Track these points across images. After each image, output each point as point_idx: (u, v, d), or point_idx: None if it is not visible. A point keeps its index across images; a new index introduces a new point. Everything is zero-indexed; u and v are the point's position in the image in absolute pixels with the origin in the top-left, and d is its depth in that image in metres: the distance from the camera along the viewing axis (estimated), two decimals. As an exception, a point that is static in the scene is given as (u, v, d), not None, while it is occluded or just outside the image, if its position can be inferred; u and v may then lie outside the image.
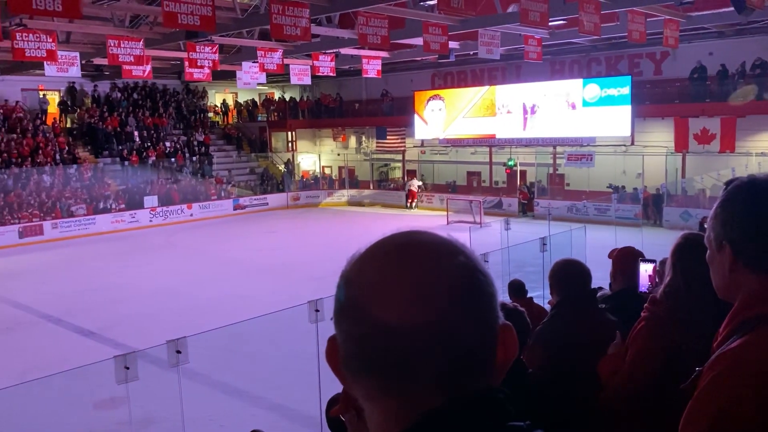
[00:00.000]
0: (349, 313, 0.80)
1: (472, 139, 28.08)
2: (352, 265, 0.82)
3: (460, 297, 0.77)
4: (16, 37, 14.94)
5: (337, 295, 0.82)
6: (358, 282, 0.80)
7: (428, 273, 0.77)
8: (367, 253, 0.82)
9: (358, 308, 0.78)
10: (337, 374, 0.83)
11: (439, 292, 0.77)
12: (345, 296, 0.81)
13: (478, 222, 22.32)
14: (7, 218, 22.93)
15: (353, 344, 0.79)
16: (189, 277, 16.67)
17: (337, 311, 0.82)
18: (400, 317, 0.75)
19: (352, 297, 0.79)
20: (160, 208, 26.45)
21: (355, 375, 0.80)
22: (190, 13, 12.75)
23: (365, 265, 0.81)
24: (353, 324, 0.79)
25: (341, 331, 0.81)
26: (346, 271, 0.83)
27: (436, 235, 0.83)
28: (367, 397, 0.80)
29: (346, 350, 0.80)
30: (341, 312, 0.81)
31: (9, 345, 11.80)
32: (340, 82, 31.53)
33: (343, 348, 0.81)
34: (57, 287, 16.17)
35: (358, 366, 0.79)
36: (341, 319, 0.81)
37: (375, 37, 16.11)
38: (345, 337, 0.80)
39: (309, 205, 30.80)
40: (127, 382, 4.66)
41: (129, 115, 30.04)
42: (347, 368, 0.81)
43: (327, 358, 0.83)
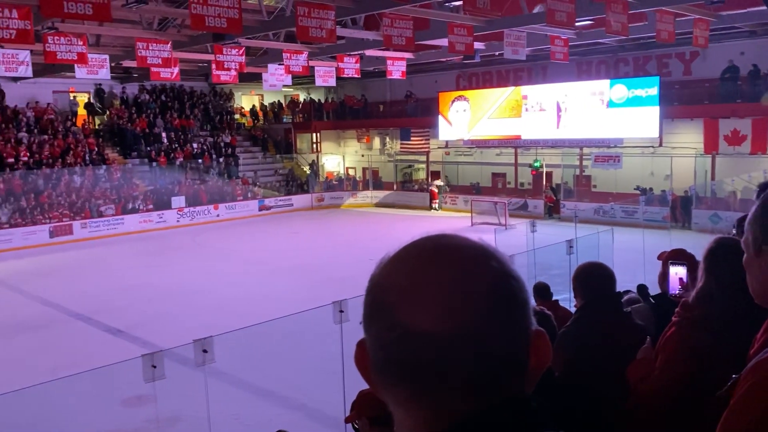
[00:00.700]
0: (378, 318, 0.78)
1: (497, 140, 27.94)
2: (382, 269, 0.81)
3: (493, 303, 0.76)
4: (48, 41, 15.25)
5: (367, 299, 0.81)
6: (388, 287, 0.78)
7: (460, 279, 0.76)
8: (397, 257, 0.81)
9: (388, 313, 0.77)
10: (366, 379, 0.82)
11: (472, 298, 0.75)
12: (375, 301, 0.79)
13: (503, 224, 22.18)
14: (38, 218, 23.38)
15: (383, 350, 0.77)
16: (215, 276, 16.83)
17: (367, 316, 0.80)
18: (432, 324, 0.74)
19: (381, 302, 0.78)
20: (187, 208, 26.77)
21: (384, 381, 0.78)
22: (217, 16, 12.89)
23: (396, 270, 0.79)
24: (383, 329, 0.77)
25: (370, 336, 0.80)
26: (376, 275, 0.81)
27: (468, 239, 0.82)
28: (398, 404, 0.78)
29: (376, 356, 0.79)
30: (371, 317, 0.80)
31: (40, 342, 12.03)
32: (364, 83, 31.59)
33: (372, 353, 0.79)
34: (86, 286, 16.44)
35: (388, 372, 0.77)
36: (371, 324, 0.80)
37: (400, 38, 16.12)
38: (374, 342, 0.79)
39: (333, 206, 30.92)
40: (154, 380, 4.71)
41: (157, 116, 30.47)
42: (377, 374, 0.79)
43: (356, 363, 0.82)
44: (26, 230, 22.66)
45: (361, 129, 33.49)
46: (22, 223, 22.92)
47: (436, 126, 29.29)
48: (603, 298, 3.31)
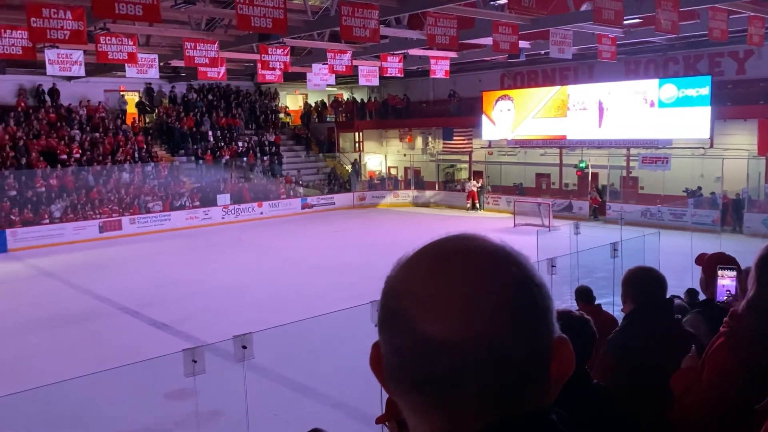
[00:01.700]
0: (392, 323, 0.76)
1: (541, 140, 27.57)
2: (397, 271, 0.78)
3: (512, 311, 0.73)
4: (100, 41, 15.68)
5: (381, 302, 0.78)
6: (402, 291, 0.76)
7: (478, 285, 0.73)
8: (413, 260, 0.78)
9: (402, 319, 0.74)
10: (381, 383, 0.80)
11: (489, 306, 0.72)
12: (388, 306, 0.77)
13: (547, 225, 21.87)
14: (88, 213, 24.09)
15: (396, 356, 0.75)
16: (257, 273, 17.06)
17: (381, 320, 0.78)
18: (447, 331, 0.71)
19: (395, 307, 0.75)
20: (232, 205, 27.21)
21: (398, 386, 0.76)
22: (263, 16, 13.04)
23: (411, 273, 0.76)
24: (397, 335, 0.75)
25: (384, 341, 0.77)
26: (391, 277, 0.79)
27: (488, 242, 0.78)
28: (412, 410, 0.76)
29: (390, 361, 0.76)
30: (384, 321, 0.77)
31: (88, 334, 12.39)
32: (407, 82, 31.57)
33: (386, 357, 0.77)
34: (134, 280, 16.86)
35: (402, 378, 0.75)
36: (385, 328, 0.77)
37: (444, 37, 16.04)
38: (388, 347, 0.76)
39: (374, 205, 31.01)
40: (194, 375, 4.79)
41: (204, 115, 31.05)
42: (391, 378, 0.77)
43: (371, 366, 0.80)
44: (77, 225, 23.38)
45: (404, 128, 33.48)
46: (73, 218, 23.66)
47: (480, 125, 29.07)
48: (654, 305, 3.21)
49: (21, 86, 26.99)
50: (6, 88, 26.26)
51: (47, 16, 12.51)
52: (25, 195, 23.54)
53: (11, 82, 26.16)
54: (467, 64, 26.72)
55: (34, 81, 26.86)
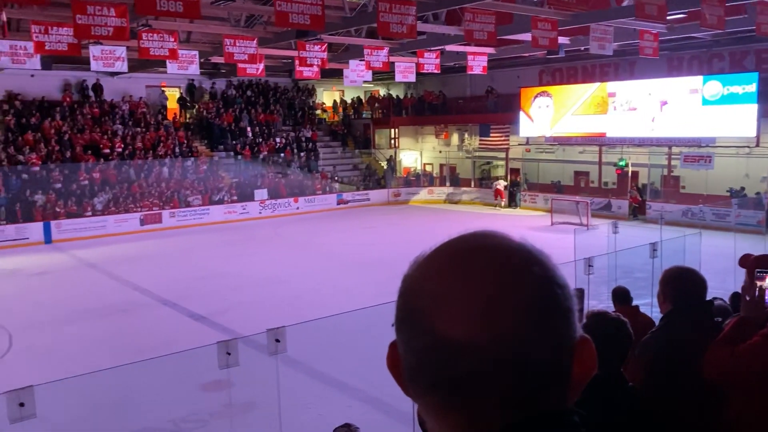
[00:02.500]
0: (409, 323, 0.74)
1: (580, 138, 27.16)
2: (415, 270, 0.76)
3: (533, 313, 0.71)
4: (142, 37, 15.99)
5: (398, 301, 0.76)
6: (420, 291, 0.74)
7: (498, 285, 0.71)
8: (431, 258, 0.76)
9: (419, 320, 0.72)
10: (399, 383, 0.78)
11: (510, 307, 0.70)
12: (406, 305, 0.75)
13: (585, 224, 21.56)
14: (130, 206, 24.63)
15: (414, 356, 0.73)
16: (293, 268, 17.22)
17: (398, 319, 0.76)
18: (465, 333, 0.69)
19: (413, 307, 0.73)
20: (269, 201, 27.53)
21: (417, 387, 0.74)
22: (301, 13, 13.14)
23: (428, 272, 0.74)
24: (414, 336, 0.73)
25: (401, 341, 0.75)
26: (409, 276, 0.77)
27: (509, 240, 0.76)
28: (430, 412, 0.74)
29: (407, 361, 0.75)
30: (402, 321, 0.75)
31: (128, 325, 12.68)
32: (444, 78, 31.41)
33: (403, 357, 0.75)
34: (173, 273, 17.19)
35: (419, 379, 0.73)
36: (402, 328, 0.75)
37: (481, 33, 15.92)
38: (406, 348, 0.74)
39: (409, 201, 31.00)
40: (228, 367, 4.86)
41: (243, 111, 31.44)
42: (409, 379, 0.75)
43: (388, 365, 0.79)
44: (119, 218, 23.93)
45: (440, 125, 33.35)
46: (115, 211, 24.22)
47: (517, 122, 28.78)
48: (693, 306, 3.14)
49: (66, 81, 27.73)
50: (52, 83, 27.00)
51: (92, 13, 12.81)
52: (69, 188, 24.18)
53: (57, 77, 26.88)
54: (505, 60, 26.47)
55: (78, 77, 27.55)
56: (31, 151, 24.48)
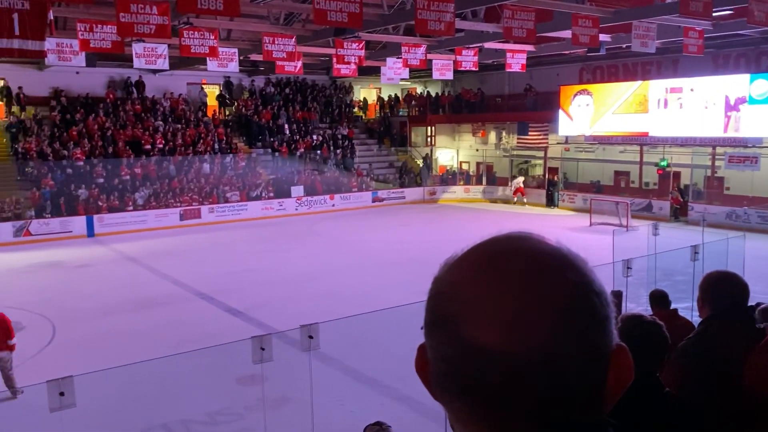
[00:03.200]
0: (439, 329, 0.72)
1: (621, 137, 26.66)
2: (445, 273, 0.74)
3: (568, 321, 0.68)
4: (183, 35, 16.25)
5: (428, 305, 0.74)
6: (450, 295, 0.72)
7: (532, 291, 0.68)
8: (462, 261, 0.74)
9: (450, 325, 0.70)
10: (427, 387, 0.76)
11: (544, 314, 0.68)
12: (436, 309, 0.73)
13: (624, 225, 21.18)
14: (170, 201, 25.10)
15: (444, 362, 0.71)
16: (328, 265, 17.32)
17: (428, 323, 0.74)
18: (497, 341, 0.67)
19: (443, 311, 0.72)
20: (305, 197, 27.75)
21: (445, 393, 0.72)
22: (339, 10, 13.18)
23: (460, 276, 0.72)
24: (444, 341, 0.71)
25: (431, 345, 0.73)
26: (439, 279, 0.75)
27: (543, 243, 0.73)
28: (458, 419, 0.72)
29: (437, 366, 0.73)
30: (432, 326, 0.73)
31: (167, 318, 12.93)
32: (482, 76, 31.19)
33: (432, 362, 0.73)
34: (211, 267, 17.46)
35: (449, 386, 0.71)
36: (431, 333, 0.73)
37: (520, 30, 15.76)
38: (435, 353, 0.73)
39: (445, 200, 30.88)
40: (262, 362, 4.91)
41: (281, 108, 31.74)
42: (438, 385, 0.73)
43: (417, 370, 0.77)
44: (159, 212, 24.40)
45: (477, 123, 33.12)
46: (155, 205, 24.70)
47: (556, 121, 28.40)
48: (733, 312, 3.05)
49: (110, 78, 28.39)
50: (97, 80, 27.67)
51: (135, 11, 13.07)
52: (111, 182, 24.75)
53: (102, 74, 27.54)
54: (545, 57, 26.13)
55: (122, 74, 28.19)
56: (75, 147, 25.13)
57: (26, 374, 9.03)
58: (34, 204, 22.66)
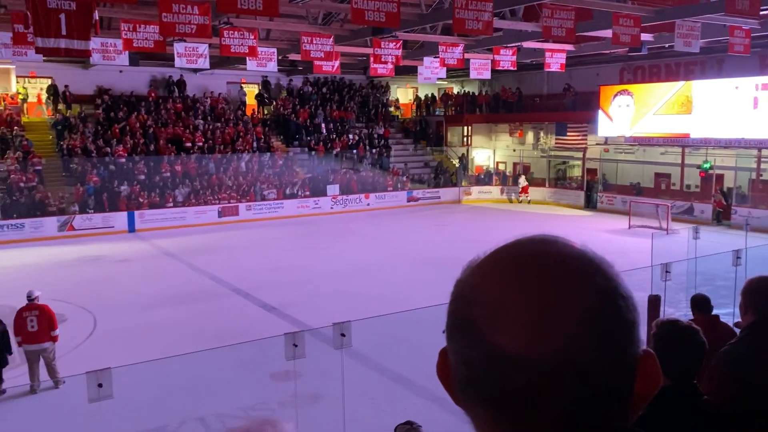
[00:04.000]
0: (462, 333, 0.70)
1: (662, 138, 26.12)
2: (469, 276, 0.73)
3: (594, 326, 0.67)
4: (223, 35, 16.49)
5: (450, 308, 0.73)
6: (473, 298, 0.70)
7: (556, 295, 0.67)
8: (485, 264, 0.72)
9: (473, 330, 0.69)
10: (449, 392, 0.75)
11: (570, 319, 0.66)
12: (458, 313, 0.72)
13: (664, 228, 20.76)
14: (209, 199, 25.50)
15: (466, 367, 0.70)
16: (363, 263, 17.38)
17: (450, 327, 0.73)
18: (521, 345, 0.66)
19: (466, 315, 0.70)
20: (340, 196, 27.89)
21: (468, 398, 0.71)
22: (377, 10, 13.22)
23: (483, 279, 0.71)
24: (466, 346, 0.69)
25: (453, 350, 0.72)
26: (462, 282, 0.73)
27: (569, 246, 0.72)
28: (480, 424, 0.71)
29: (459, 371, 0.71)
30: (454, 330, 0.72)
31: (204, 313, 13.14)
32: (520, 76, 30.90)
33: (455, 367, 0.72)
34: (247, 264, 17.68)
35: (472, 391, 0.70)
36: (453, 336, 0.72)
37: (560, 29, 15.57)
38: (457, 357, 0.71)
39: (480, 200, 30.68)
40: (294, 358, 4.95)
41: (318, 108, 31.96)
42: (460, 389, 0.72)
43: (438, 374, 0.75)
44: (198, 209, 24.82)
45: (514, 123, 32.83)
46: (194, 202, 25.12)
47: (595, 121, 27.97)
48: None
49: (152, 77, 28.98)
50: (139, 79, 28.27)
51: (176, 11, 13.31)
52: (152, 179, 25.26)
53: (144, 73, 28.14)
54: (584, 57, 25.77)
55: (163, 73, 28.75)
56: (118, 144, 25.71)
57: (68, 365, 9.29)
58: (78, 200, 23.27)
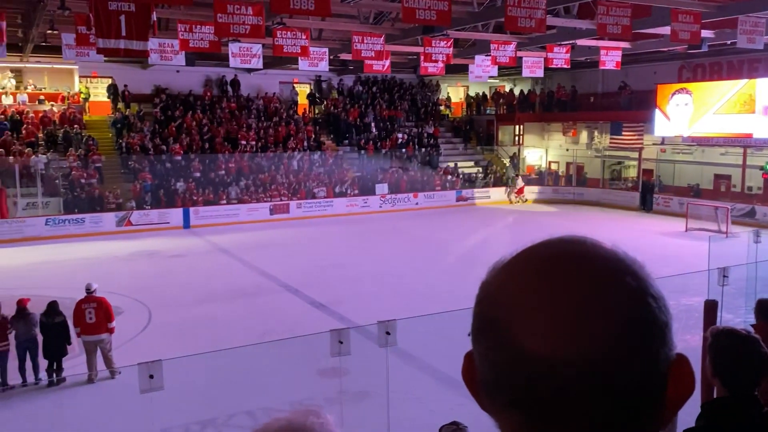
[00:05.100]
0: (488, 335, 0.68)
1: (722, 138, 25.23)
2: (495, 277, 0.71)
3: (626, 328, 0.65)
4: (276, 35, 16.75)
5: (476, 310, 0.71)
6: (501, 300, 0.68)
7: (587, 296, 0.65)
8: (513, 265, 0.71)
9: (500, 331, 0.67)
10: (474, 396, 0.73)
11: (601, 321, 0.64)
12: (484, 315, 0.70)
13: (723, 231, 20.06)
14: (260, 196, 25.95)
15: (492, 371, 0.68)
16: (410, 262, 17.39)
17: (476, 330, 0.71)
18: (551, 348, 0.64)
19: (493, 317, 0.68)
20: (389, 195, 27.96)
21: (494, 402, 0.69)
22: (428, 8, 13.20)
23: (511, 280, 0.69)
24: (493, 349, 0.68)
25: (479, 353, 0.70)
26: (487, 283, 0.71)
27: (600, 247, 0.70)
28: (506, 430, 0.70)
29: (484, 375, 0.70)
30: (480, 332, 0.70)
31: (253, 308, 13.38)
32: (574, 74, 30.34)
33: (481, 370, 0.70)
34: (297, 261, 17.92)
35: (498, 394, 0.68)
36: (479, 339, 0.70)
37: (616, 26, 15.23)
38: (484, 360, 0.69)
39: (532, 200, 30.24)
40: (340, 355, 4.99)
41: (368, 107, 32.11)
42: (486, 394, 0.70)
43: (464, 378, 0.74)
44: (250, 207, 25.27)
45: (568, 122, 32.25)
46: (247, 200, 25.60)
47: (652, 120, 27.23)
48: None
49: (207, 77, 29.66)
50: (195, 79, 28.99)
51: (231, 12, 13.60)
52: (207, 177, 25.85)
53: (199, 73, 28.82)
54: (641, 54, 25.11)
55: (218, 73, 29.38)
56: (174, 142, 26.41)
57: (124, 356, 9.60)
58: (136, 196, 24.01)
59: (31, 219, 22.02)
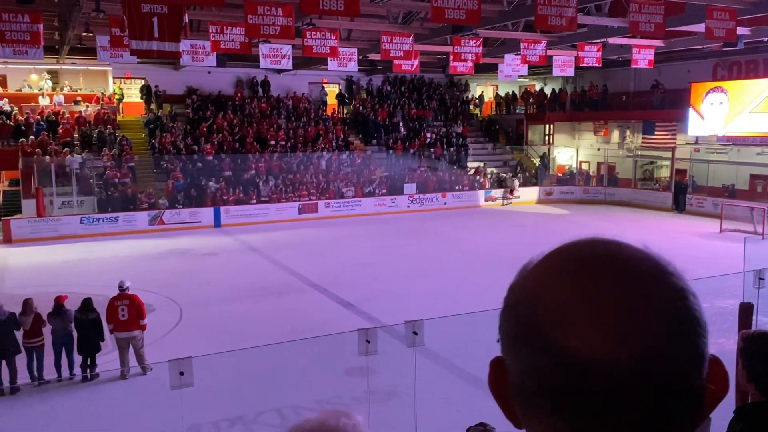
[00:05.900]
0: (529, 340, 0.66)
1: (759, 138, 24.66)
2: (530, 279, 0.69)
3: (675, 328, 0.64)
4: (306, 36, 16.86)
5: (510, 314, 0.69)
6: (538, 303, 0.66)
7: (633, 296, 0.64)
8: (546, 267, 0.69)
9: (542, 336, 0.65)
10: (502, 406, 0.71)
11: (650, 321, 0.63)
12: (522, 319, 0.68)
13: (759, 233, 19.62)
14: (290, 196, 26.14)
15: (532, 377, 0.66)
16: (438, 262, 17.35)
17: (512, 335, 0.69)
18: (600, 351, 0.62)
19: (530, 321, 0.66)
20: (417, 195, 27.93)
21: (533, 411, 0.67)
22: (456, 8, 13.16)
23: (551, 282, 0.67)
24: (535, 354, 0.65)
25: (517, 359, 0.68)
26: (519, 286, 0.70)
27: (633, 248, 0.69)
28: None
29: (523, 382, 0.67)
30: (518, 337, 0.68)
31: (282, 306, 13.48)
32: (605, 72, 29.95)
33: (517, 378, 0.68)
34: (326, 260, 18.00)
35: (539, 402, 0.66)
36: (517, 345, 0.68)
37: (648, 24, 15.00)
38: (521, 366, 0.67)
39: (562, 201, 29.93)
40: (367, 354, 5.01)
41: (396, 106, 32.12)
42: (521, 402, 0.68)
43: (491, 386, 0.71)
44: (279, 206, 25.48)
45: (599, 121, 31.83)
46: (276, 199, 25.81)
47: (685, 120, 26.73)
48: None
49: (238, 78, 29.97)
50: (226, 79, 29.32)
51: (261, 13, 13.73)
52: (238, 176, 26.12)
53: (230, 74, 29.14)
54: (674, 53, 24.69)
55: (249, 73, 29.67)
56: (205, 142, 26.75)
57: (155, 353, 9.75)
58: (168, 195, 24.37)
59: (66, 217, 22.52)
